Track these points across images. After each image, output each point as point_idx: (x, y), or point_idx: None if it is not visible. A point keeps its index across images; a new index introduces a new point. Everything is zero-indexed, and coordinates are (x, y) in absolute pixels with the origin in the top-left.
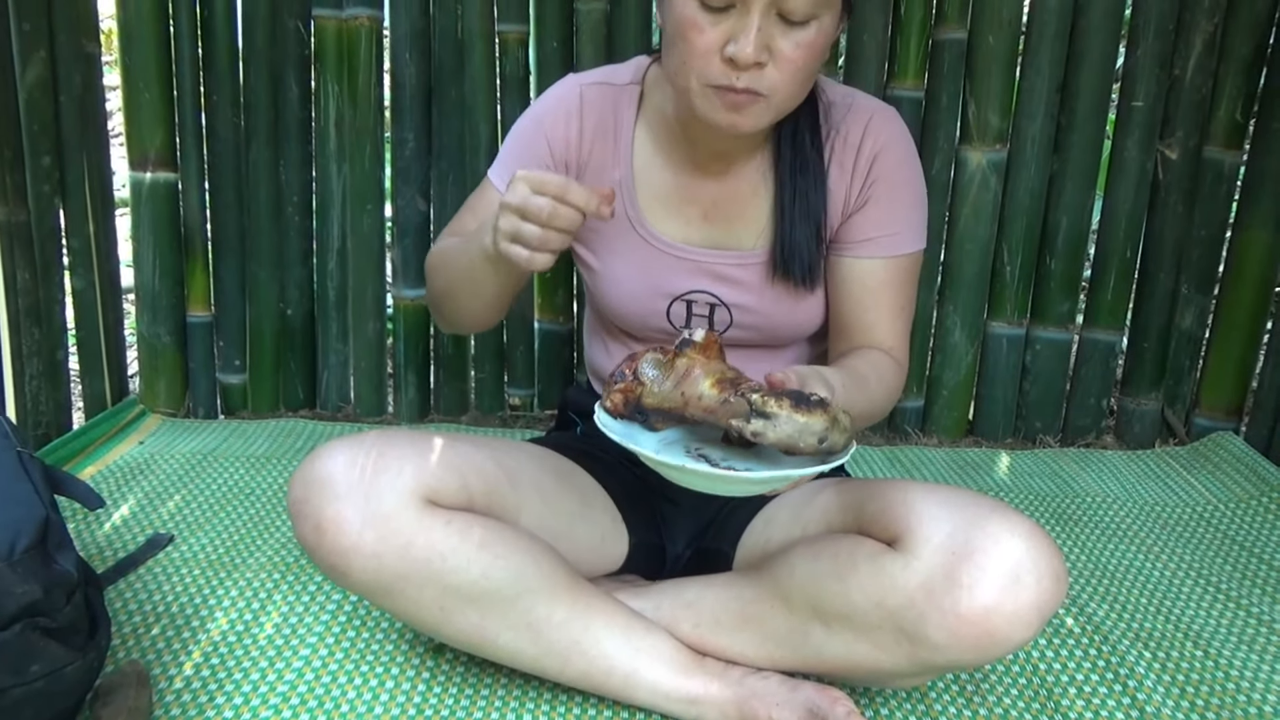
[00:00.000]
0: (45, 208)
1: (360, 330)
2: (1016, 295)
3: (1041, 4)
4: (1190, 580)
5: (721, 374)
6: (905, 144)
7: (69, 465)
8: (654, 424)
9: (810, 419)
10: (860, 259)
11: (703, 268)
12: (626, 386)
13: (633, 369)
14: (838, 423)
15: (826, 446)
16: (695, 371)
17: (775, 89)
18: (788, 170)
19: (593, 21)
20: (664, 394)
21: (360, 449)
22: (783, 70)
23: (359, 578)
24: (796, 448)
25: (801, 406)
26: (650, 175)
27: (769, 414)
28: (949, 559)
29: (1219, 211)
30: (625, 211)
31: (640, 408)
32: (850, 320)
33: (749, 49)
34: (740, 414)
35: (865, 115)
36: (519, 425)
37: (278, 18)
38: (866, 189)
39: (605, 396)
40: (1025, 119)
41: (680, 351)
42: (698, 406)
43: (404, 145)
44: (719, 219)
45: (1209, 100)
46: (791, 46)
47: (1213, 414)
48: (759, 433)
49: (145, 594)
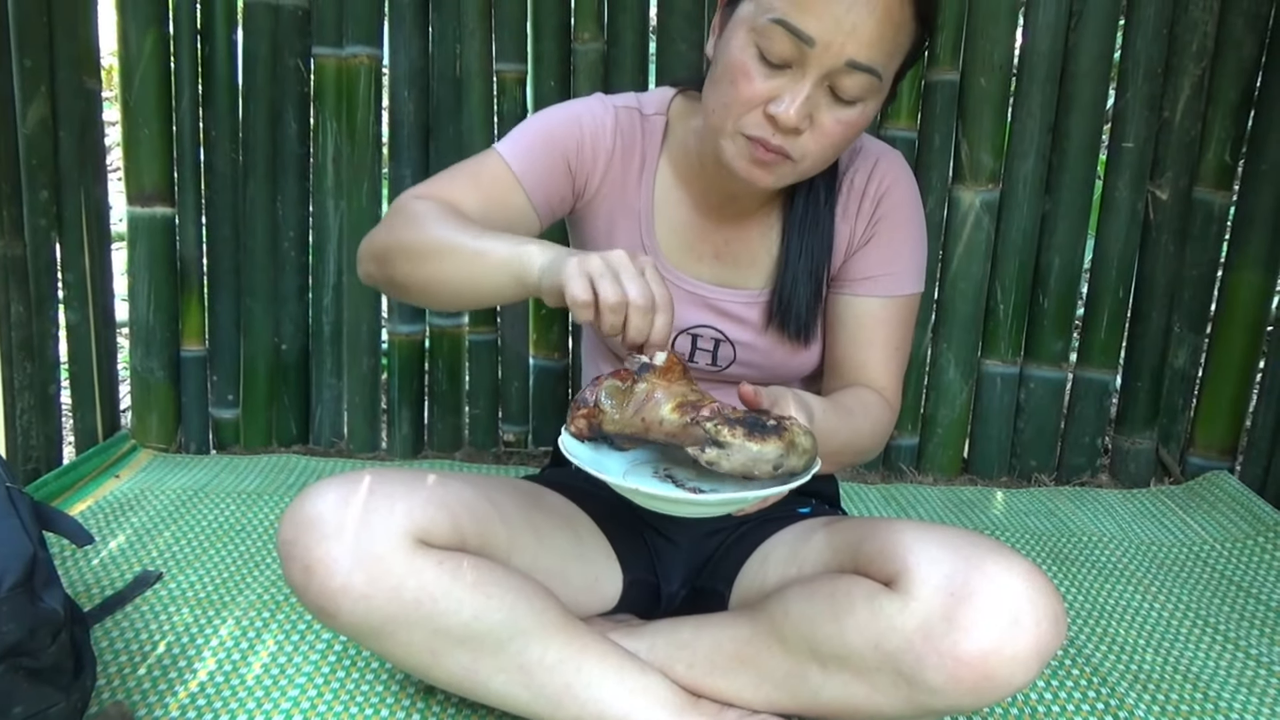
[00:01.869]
0: (42, 242)
1: (354, 365)
2: (1010, 334)
3: (1032, 47)
4: (1188, 621)
5: (683, 397)
6: (909, 187)
7: (58, 500)
8: (621, 445)
9: (764, 446)
10: (859, 297)
11: (710, 304)
12: (589, 411)
13: (594, 394)
14: (795, 446)
15: (783, 471)
16: (656, 395)
17: (805, 156)
18: (797, 226)
19: (589, 61)
20: (624, 420)
21: (351, 488)
22: (818, 141)
23: (348, 620)
24: (752, 474)
25: (755, 434)
26: (668, 209)
27: (723, 443)
28: (947, 600)
29: (1209, 251)
30: (642, 241)
31: (603, 433)
32: (844, 357)
33: (793, 113)
34: (699, 441)
35: (872, 158)
36: (513, 462)
37: (278, 56)
38: (870, 229)
39: (570, 421)
40: (1017, 159)
41: (639, 376)
42: (659, 431)
43: (401, 182)
44: (729, 259)
45: (1198, 142)
46: (833, 121)
47: (1207, 453)
48: (713, 461)
49: (132, 632)
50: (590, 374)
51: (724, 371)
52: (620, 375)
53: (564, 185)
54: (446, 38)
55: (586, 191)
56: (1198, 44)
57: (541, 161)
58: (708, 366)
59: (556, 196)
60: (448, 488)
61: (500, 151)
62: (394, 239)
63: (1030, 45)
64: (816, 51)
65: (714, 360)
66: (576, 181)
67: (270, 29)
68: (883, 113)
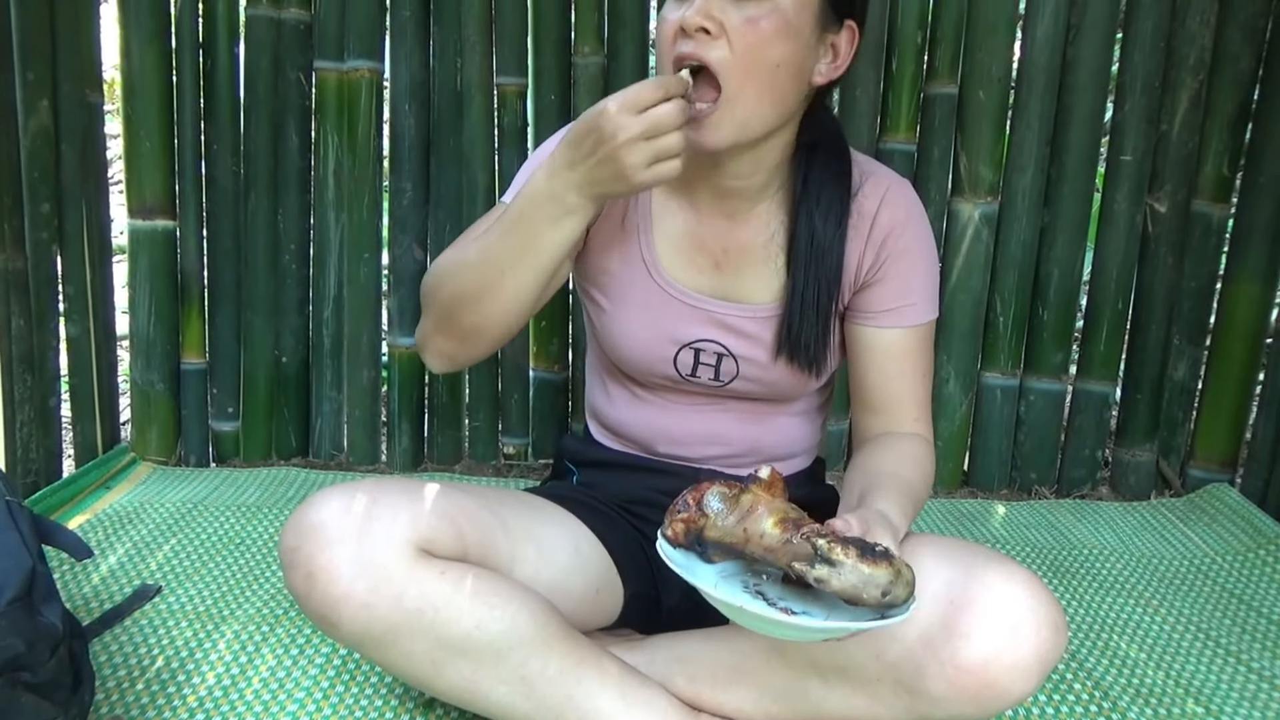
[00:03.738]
0: (43, 255)
1: (355, 378)
2: (1010, 346)
3: (1030, 60)
4: (1190, 635)
5: (784, 513)
6: (921, 217)
7: (58, 513)
8: (710, 556)
9: (875, 570)
10: (883, 329)
11: (713, 317)
12: (689, 517)
13: (697, 500)
14: (901, 575)
15: (889, 599)
16: (759, 509)
17: (726, 71)
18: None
19: (590, 75)
20: (727, 529)
21: (354, 497)
22: (734, 45)
23: (349, 629)
24: (860, 598)
25: (867, 557)
26: (665, 220)
27: (834, 561)
28: (947, 609)
29: (1208, 264)
30: (641, 255)
31: (700, 539)
32: (878, 391)
33: (692, 12)
34: (803, 557)
35: (882, 186)
36: (513, 474)
37: (280, 70)
38: (883, 262)
39: (667, 525)
40: (1016, 172)
41: (746, 487)
42: (759, 544)
43: (402, 195)
44: (730, 268)
45: (1196, 155)
46: (742, 20)
47: (1207, 465)
48: (822, 579)
49: (131, 647)
50: (594, 389)
51: (726, 387)
52: (727, 484)
53: None
54: (447, 51)
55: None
56: (1195, 57)
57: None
58: (710, 381)
59: None
60: (451, 498)
61: (505, 202)
62: (433, 308)
63: (1028, 58)
64: None
65: (716, 375)
66: None
67: (272, 43)
68: (882, 125)
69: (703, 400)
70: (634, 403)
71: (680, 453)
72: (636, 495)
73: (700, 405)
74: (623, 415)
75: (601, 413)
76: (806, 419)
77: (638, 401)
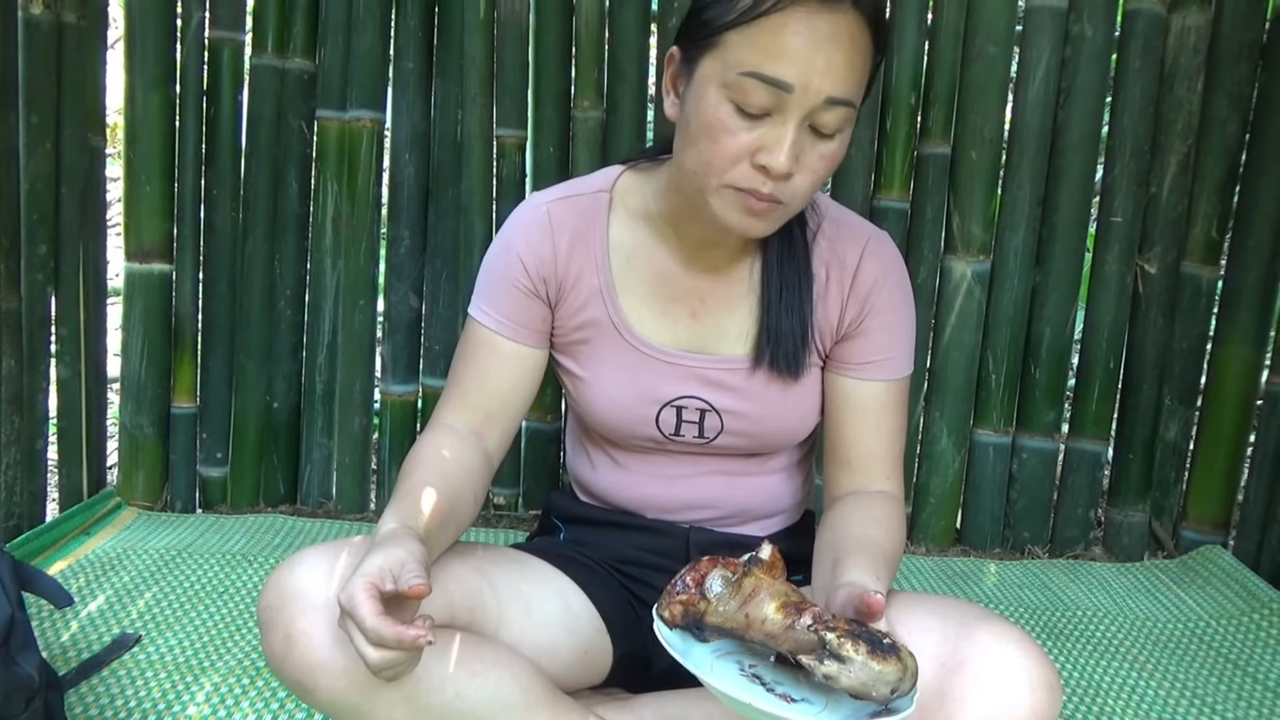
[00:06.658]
0: (38, 296)
1: (346, 425)
2: (1002, 404)
3: (1022, 122)
4: (1185, 700)
5: (786, 597)
6: (901, 271)
7: (39, 559)
8: (706, 635)
9: (885, 667)
10: (863, 381)
11: (692, 372)
12: (689, 599)
13: (697, 582)
14: (908, 670)
15: (897, 695)
16: (761, 593)
17: (795, 196)
18: (775, 264)
19: (589, 129)
20: (728, 614)
21: (338, 560)
22: (805, 179)
23: (326, 696)
24: (869, 695)
25: (877, 653)
26: (630, 278)
27: (844, 658)
28: (939, 671)
29: (1198, 325)
30: (609, 317)
31: (700, 623)
32: (853, 445)
33: (784, 160)
34: (807, 648)
35: (862, 238)
36: (502, 525)
37: (282, 118)
38: (866, 315)
39: (664, 605)
40: (1008, 231)
41: (749, 570)
42: (760, 630)
43: (399, 243)
44: (706, 317)
45: (1185, 217)
46: (817, 158)
47: (1200, 526)
48: (831, 676)
49: (108, 698)
50: (577, 457)
51: (712, 443)
52: (729, 565)
53: (535, 307)
54: (449, 103)
55: (560, 294)
56: (1183, 122)
57: (504, 303)
58: (694, 439)
59: (538, 319)
60: (439, 562)
61: (473, 316)
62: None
63: (1020, 120)
64: (795, 95)
65: (700, 433)
66: (541, 294)
67: (275, 91)
68: (876, 183)
69: (688, 461)
70: (617, 471)
71: (668, 518)
72: (626, 555)
73: (686, 467)
74: (607, 484)
75: (586, 481)
76: (789, 475)
77: (621, 470)
